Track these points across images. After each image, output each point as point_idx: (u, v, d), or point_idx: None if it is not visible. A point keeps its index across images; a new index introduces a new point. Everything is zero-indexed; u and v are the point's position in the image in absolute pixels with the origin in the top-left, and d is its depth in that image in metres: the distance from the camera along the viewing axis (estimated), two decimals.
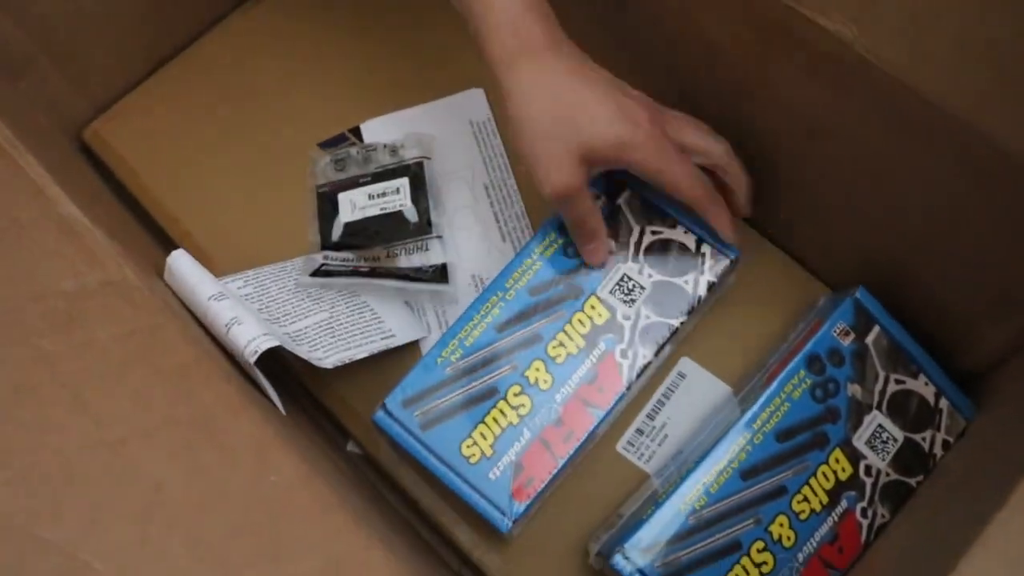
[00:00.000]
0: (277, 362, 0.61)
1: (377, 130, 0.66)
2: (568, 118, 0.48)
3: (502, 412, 0.51)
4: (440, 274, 0.59)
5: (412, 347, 0.58)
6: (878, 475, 0.51)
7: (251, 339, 0.48)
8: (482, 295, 0.54)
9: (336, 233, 0.61)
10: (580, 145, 0.48)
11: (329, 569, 0.35)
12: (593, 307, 0.53)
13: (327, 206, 0.62)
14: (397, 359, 0.58)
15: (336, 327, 0.56)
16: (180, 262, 0.52)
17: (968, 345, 0.54)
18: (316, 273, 0.58)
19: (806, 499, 0.50)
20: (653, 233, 0.54)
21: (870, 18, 0.45)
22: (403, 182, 0.62)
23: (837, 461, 0.51)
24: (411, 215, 0.61)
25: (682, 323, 0.53)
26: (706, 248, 0.54)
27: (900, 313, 0.54)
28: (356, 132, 0.66)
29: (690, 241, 0.54)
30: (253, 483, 0.36)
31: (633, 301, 0.53)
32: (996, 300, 0.50)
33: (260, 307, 0.55)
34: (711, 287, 0.54)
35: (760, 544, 0.49)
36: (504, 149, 0.64)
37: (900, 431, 0.52)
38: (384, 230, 0.61)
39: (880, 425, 0.52)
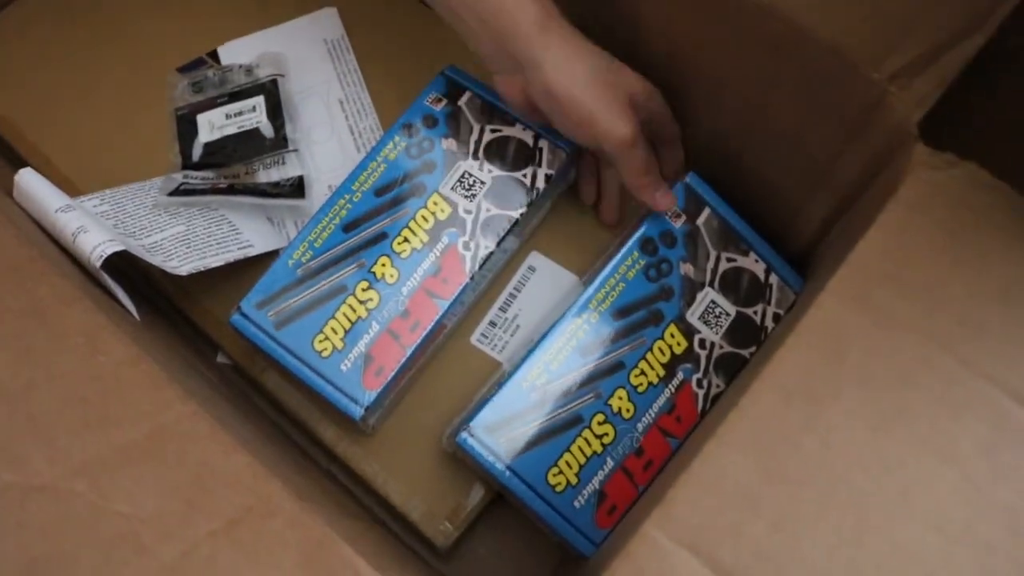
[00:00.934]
0: (147, 282, 0.62)
1: (234, 52, 0.67)
2: (610, 73, 0.52)
3: (351, 307, 0.53)
4: (297, 189, 0.60)
5: (275, 258, 0.60)
6: (712, 348, 0.54)
7: (96, 245, 0.49)
8: (330, 198, 0.56)
9: (196, 153, 0.63)
10: (628, 96, 0.52)
11: (154, 435, 0.37)
12: (436, 203, 0.55)
13: (186, 128, 0.64)
14: (262, 271, 0.59)
15: (192, 239, 0.57)
16: (27, 179, 0.53)
17: (795, 223, 0.57)
18: (175, 192, 0.59)
19: (643, 373, 0.53)
20: (492, 131, 0.57)
21: None
22: (258, 100, 0.63)
23: (672, 336, 0.54)
24: (267, 131, 0.62)
25: (522, 215, 0.56)
26: (543, 143, 0.57)
27: (733, 198, 0.57)
28: (214, 55, 0.67)
29: (528, 137, 0.57)
30: (82, 363, 0.38)
31: (474, 196, 0.55)
32: (808, 174, 0.53)
33: (115, 223, 0.56)
34: (549, 179, 0.56)
35: (601, 417, 0.52)
36: (358, 65, 0.66)
37: (732, 306, 0.55)
38: (242, 147, 0.62)
39: (713, 301, 0.55)
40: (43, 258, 0.43)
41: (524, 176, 0.56)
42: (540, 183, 0.56)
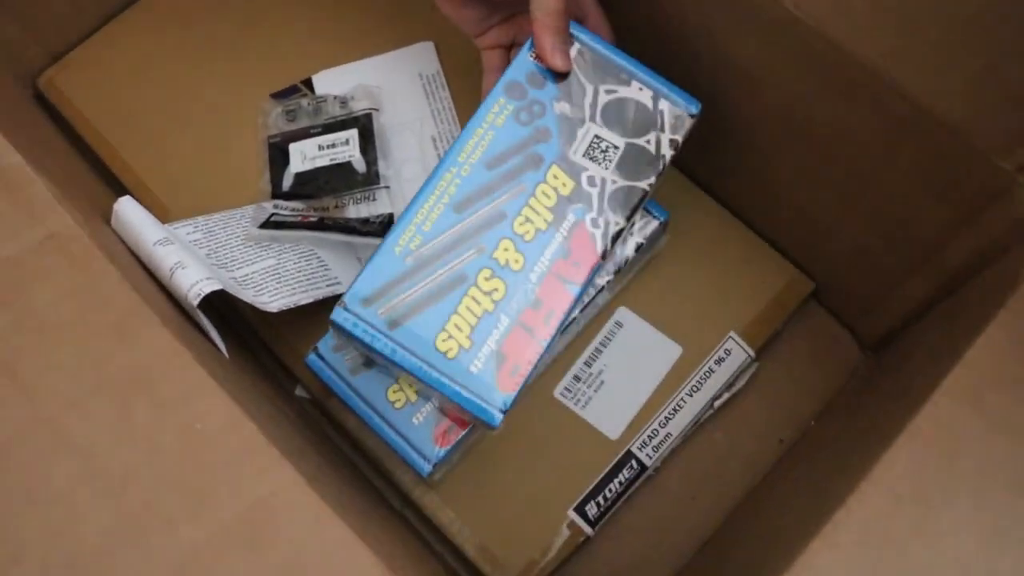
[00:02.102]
0: (230, 308, 0.62)
1: (328, 82, 0.66)
2: None
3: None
4: (386, 227, 0.60)
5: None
6: (603, 184, 0.50)
7: (194, 283, 0.49)
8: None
9: (287, 183, 0.63)
10: None
11: (254, 511, 0.37)
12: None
13: (278, 156, 0.64)
14: None
15: (283, 273, 0.57)
16: (126, 208, 0.53)
17: (890, 298, 0.56)
18: (266, 224, 0.59)
19: (528, 220, 0.49)
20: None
21: None
22: (352, 133, 0.63)
23: (556, 178, 0.50)
24: (359, 166, 0.62)
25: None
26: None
27: (829, 267, 0.56)
28: (308, 83, 0.67)
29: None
30: (180, 437, 0.38)
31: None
32: (912, 252, 0.52)
33: (208, 252, 0.56)
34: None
35: (487, 272, 0.48)
36: (452, 103, 0.65)
37: (620, 138, 0.51)
38: (333, 180, 0.62)
39: (597, 136, 0.50)
40: (145, 306, 0.42)
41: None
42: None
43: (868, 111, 0.47)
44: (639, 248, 0.56)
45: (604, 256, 0.50)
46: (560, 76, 0.51)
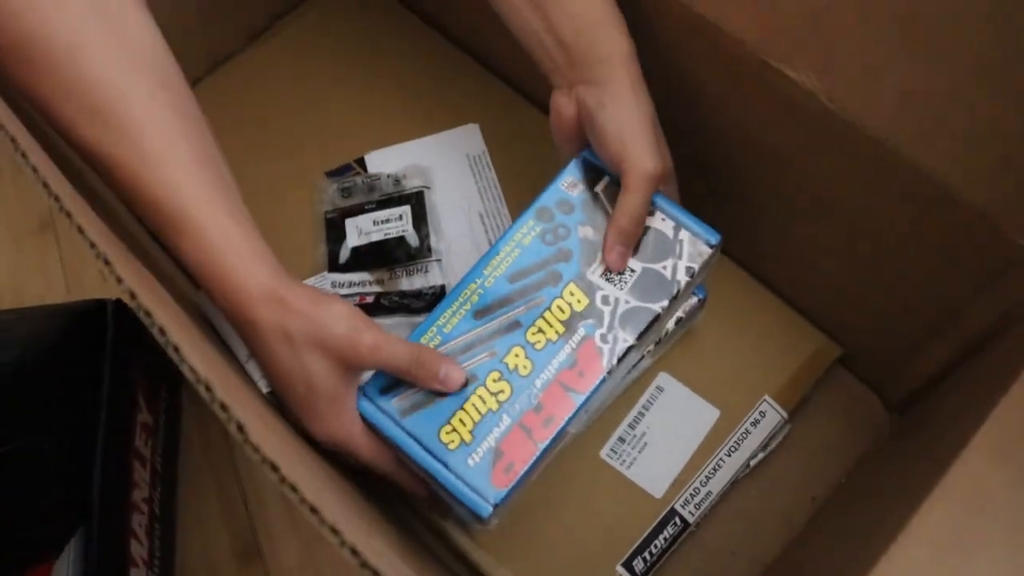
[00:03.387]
0: None
1: (380, 161, 0.71)
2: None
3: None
4: (438, 298, 0.64)
5: None
6: (616, 303, 0.54)
7: (261, 376, 0.53)
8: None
9: (343, 256, 0.67)
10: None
11: None
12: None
13: (334, 231, 0.68)
14: None
15: None
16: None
17: (912, 361, 0.60)
18: None
19: (541, 331, 0.53)
20: None
21: (829, 69, 0.51)
22: (405, 209, 0.67)
23: (572, 294, 0.54)
24: (412, 240, 0.66)
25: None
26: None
27: (856, 334, 0.60)
28: (361, 162, 0.71)
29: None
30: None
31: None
32: (935, 317, 0.56)
33: None
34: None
35: (496, 375, 0.52)
36: (497, 181, 0.70)
37: (638, 262, 0.55)
38: (388, 253, 0.66)
39: None
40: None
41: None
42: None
43: (895, 192, 0.52)
44: (679, 321, 0.60)
45: (611, 372, 0.53)
46: (586, 203, 0.56)
